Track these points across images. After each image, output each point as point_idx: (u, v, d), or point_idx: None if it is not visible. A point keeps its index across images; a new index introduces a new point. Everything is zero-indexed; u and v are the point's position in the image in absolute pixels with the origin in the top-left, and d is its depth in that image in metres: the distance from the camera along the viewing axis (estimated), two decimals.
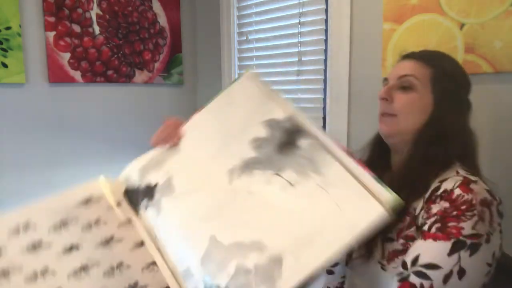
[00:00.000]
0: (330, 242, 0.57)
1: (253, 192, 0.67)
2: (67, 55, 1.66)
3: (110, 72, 1.80)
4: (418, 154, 0.73)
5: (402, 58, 0.82)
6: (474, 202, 0.63)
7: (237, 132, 0.76)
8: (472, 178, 0.67)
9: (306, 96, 1.62)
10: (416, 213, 0.68)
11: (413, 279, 0.62)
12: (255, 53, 1.83)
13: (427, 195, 0.68)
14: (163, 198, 0.75)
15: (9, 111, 1.55)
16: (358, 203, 0.58)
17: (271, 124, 0.73)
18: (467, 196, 0.63)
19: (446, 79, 0.75)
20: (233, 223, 0.66)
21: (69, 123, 1.71)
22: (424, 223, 0.66)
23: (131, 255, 0.71)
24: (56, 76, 1.64)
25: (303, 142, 0.68)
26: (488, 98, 1.09)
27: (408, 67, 0.78)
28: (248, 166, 0.70)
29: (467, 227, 0.61)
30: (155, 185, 0.77)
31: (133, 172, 0.82)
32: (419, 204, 0.69)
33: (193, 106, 2.17)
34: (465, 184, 0.65)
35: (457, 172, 0.69)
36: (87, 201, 0.77)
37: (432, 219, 0.65)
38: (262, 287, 0.57)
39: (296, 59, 1.62)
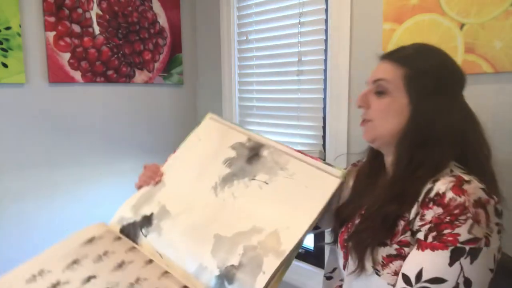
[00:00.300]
0: (308, 209, 0.76)
1: (237, 196, 0.83)
2: (67, 55, 1.66)
3: (110, 72, 1.80)
4: (402, 160, 0.71)
5: (380, 59, 0.80)
6: (467, 204, 0.61)
7: (211, 158, 0.91)
8: (466, 177, 0.65)
9: (306, 96, 1.62)
10: (411, 218, 0.67)
11: None
12: (255, 53, 1.83)
13: (420, 198, 0.66)
14: (161, 222, 0.84)
15: (9, 111, 1.55)
16: (318, 180, 0.80)
17: (237, 146, 0.91)
18: (460, 199, 0.61)
19: (423, 77, 0.71)
20: (230, 221, 0.79)
21: (69, 123, 1.71)
22: (419, 230, 0.64)
23: (144, 270, 0.77)
24: (56, 76, 1.64)
25: (265, 152, 0.87)
26: (488, 98, 1.09)
27: (382, 70, 0.76)
28: (227, 179, 0.86)
29: (463, 232, 0.60)
30: (151, 214, 0.86)
31: (126, 212, 0.90)
32: (413, 208, 0.67)
33: (193, 106, 2.17)
34: (458, 186, 0.63)
35: (451, 171, 0.68)
36: (91, 240, 0.83)
37: (427, 227, 0.63)
38: (269, 254, 0.72)
39: (296, 59, 1.62)
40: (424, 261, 0.62)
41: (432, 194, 0.64)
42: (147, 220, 0.86)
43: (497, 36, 1.05)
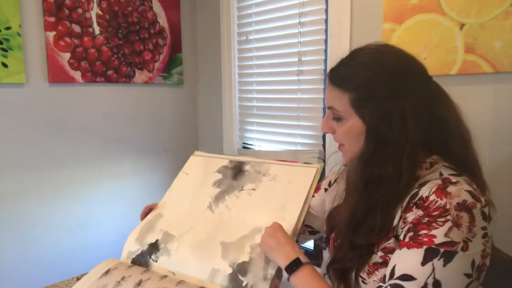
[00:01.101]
0: (296, 198, 0.87)
1: (231, 207, 0.92)
2: (67, 55, 1.66)
3: (110, 72, 1.80)
4: (358, 184, 0.70)
5: (328, 78, 0.76)
6: (448, 207, 0.59)
7: (200, 185, 1.01)
8: (453, 179, 0.63)
9: (306, 96, 1.62)
10: (394, 224, 0.65)
11: None
12: (255, 53, 1.83)
13: (404, 203, 0.65)
14: (167, 244, 0.90)
15: (9, 111, 1.55)
16: (299, 174, 0.91)
17: (221, 169, 1.02)
18: (441, 201, 0.60)
19: (367, 94, 0.68)
20: (231, 229, 0.87)
21: (69, 123, 1.71)
22: (401, 233, 0.64)
23: (161, 283, 0.82)
24: (56, 76, 1.64)
25: (247, 167, 0.99)
26: (488, 98, 1.09)
27: (330, 97, 0.74)
28: (219, 197, 0.96)
29: (439, 234, 0.58)
30: (156, 241, 0.92)
31: (132, 246, 0.95)
32: (397, 214, 0.66)
33: (193, 106, 2.17)
34: (441, 188, 0.61)
35: (440, 174, 0.66)
36: (107, 272, 0.88)
37: (406, 228, 0.62)
38: None
39: (296, 59, 1.62)
40: (398, 258, 0.62)
41: (416, 199, 0.63)
42: (153, 247, 0.91)
43: (497, 36, 1.05)
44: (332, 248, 0.81)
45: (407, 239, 0.62)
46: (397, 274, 0.60)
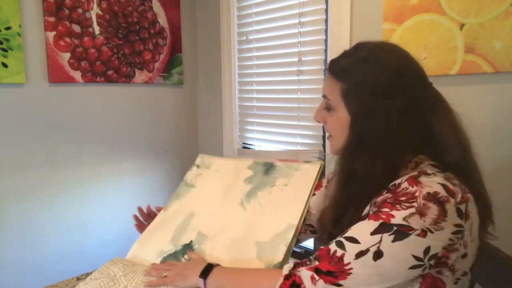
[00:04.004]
0: (299, 199, 0.87)
1: (263, 204, 0.90)
2: (67, 55, 1.66)
3: (110, 72, 1.80)
4: (339, 176, 0.71)
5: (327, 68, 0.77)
6: (416, 194, 0.59)
7: (231, 183, 0.98)
8: (429, 171, 0.63)
9: (306, 96, 1.62)
10: (364, 213, 0.66)
11: (331, 245, 0.63)
12: (255, 53, 1.83)
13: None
14: (201, 245, 0.89)
15: (9, 111, 1.55)
16: (307, 173, 0.91)
17: (252, 166, 0.99)
18: (411, 189, 0.60)
19: (359, 88, 0.68)
20: (265, 227, 0.85)
21: (69, 123, 1.71)
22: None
23: None
24: (56, 76, 1.64)
25: (278, 163, 0.97)
26: (488, 98, 1.09)
27: (325, 85, 0.75)
28: (251, 193, 0.93)
29: (398, 216, 0.59)
30: (191, 242, 0.91)
31: (165, 246, 0.94)
32: (368, 205, 0.66)
33: (193, 106, 2.17)
34: (414, 178, 0.61)
35: (422, 170, 0.64)
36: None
37: (374, 207, 0.63)
38: None
39: (296, 59, 1.62)
40: (354, 226, 0.64)
41: (389, 185, 0.64)
42: (187, 247, 0.90)
43: (497, 36, 1.05)
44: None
45: (370, 213, 0.63)
46: (345, 234, 0.63)
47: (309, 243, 1.69)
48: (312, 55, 1.58)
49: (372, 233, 0.60)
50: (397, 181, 0.63)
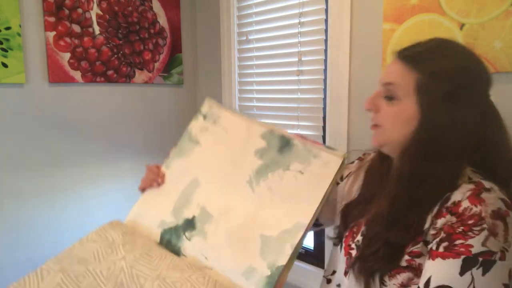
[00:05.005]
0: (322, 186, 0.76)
1: (274, 190, 0.80)
2: (67, 55, 1.66)
3: (110, 72, 1.80)
4: (403, 176, 0.66)
5: (394, 56, 0.73)
6: (483, 215, 0.57)
7: (241, 150, 0.87)
8: (486, 185, 0.60)
9: (306, 96, 1.62)
10: (424, 228, 0.63)
11: None
12: (255, 53, 1.83)
13: (436, 208, 0.62)
14: (205, 225, 0.83)
15: (9, 111, 1.55)
16: (326, 164, 0.78)
17: (266, 135, 0.86)
18: (476, 209, 0.57)
19: (436, 83, 0.65)
20: (272, 219, 0.77)
21: (69, 123, 1.71)
22: (432, 241, 0.61)
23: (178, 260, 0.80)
24: (56, 76, 1.64)
25: (296, 141, 0.83)
26: None
27: (394, 72, 0.70)
28: (261, 172, 0.83)
29: (476, 244, 0.56)
30: (193, 217, 0.85)
31: (166, 216, 0.88)
32: (428, 219, 0.63)
33: (193, 106, 2.17)
34: (475, 195, 0.59)
35: (469, 178, 0.63)
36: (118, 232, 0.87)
37: (439, 237, 0.60)
38: None
39: (296, 59, 1.62)
40: (433, 269, 0.59)
41: (448, 203, 0.61)
42: (189, 224, 0.85)
43: (497, 36, 1.05)
44: (346, 248, 0.79)
45: (441, 249, 0.59)
46: (432, 285, 0.58)
47: (309, 244, 1.69)
48: (312, 55, 1.58)
49: (461, 273, 0.56)
50: (456, 199, 0.60)
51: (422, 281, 0.60)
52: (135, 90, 1.92)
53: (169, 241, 0.86)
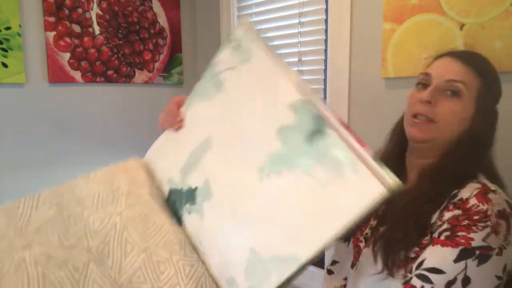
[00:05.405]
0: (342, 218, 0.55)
1: (280, 195, 0.63)
2: (67, 55, 1.66)
3: (110, 72, 1.80)
4: (448, 169, 0.69)
5: (449, 55, 0.75)
6: (489, 213, 0.60)
7: (262, 119, 0.67)
8: (492, 187, 0.64)
9: None
10: (432, 222, 0.66)
11: (415, 281, 0.61)
12: None
13: (443, 204, 0.66)
14: (204, 202, 0.72)
15: (9, 111, 1.55)
16: (362, 188, 0.54)
17: (298, 106, 0.62)
18: (482, 207, 0.60)
19: (488, 92, 0.72)
20: (270, 231, 0.63)
21: (69, 123, 1.71)
22: (436, 230, 0.63)
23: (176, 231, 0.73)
24: (56, 76, 1.64)
25: (329, 130, 0.58)
26: None
27: (459, 71, 0.71)
28: (276, 163, 0.63)
29: (477, 238, 0.59)
30: (196, 189, 0.74)
31: (175, 175, 0.79)
32: (436, 213, 0.66)
33: None
34: (482, 194, 0.62)
35: (476, 178, 0.67)
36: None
37: (443, 227, 0.62)
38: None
39: (296, 59, 1.62)
40: (429, 253, 0.62)
41: (455, 199, 0.64)
42: (191, 195, 0.74)
43: (497, 36, 1.05)
44: (355, 240, 0.80)
45: (442, 237, 0.62)
46: (425, 266, 0.61)
47: None
48: (312, 55, 1.58)
49: (456, 261, 0.59)
50: (463, 196, 0.63)
51: (416, 262, 0.63)
52: (135, 90, 1.92)
53: (174, 203, 0.78)
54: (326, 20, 1.50)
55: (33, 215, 0.75)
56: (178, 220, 0.77)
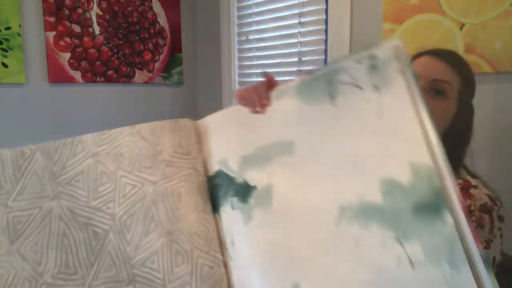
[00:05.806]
0: None
1: (360, 245, 0.52)
2: (67, 55, 1.66)
3: (110, 72, 1.80)
4: None
5: (428, 54, 0.74)
6: (472, 208, 0.61)
7: (368, 159, 0.54)
8: (473, 182, 0.65)
9: None
10: None
11: None
12: (255, 53, 1.83)
13: None
14: (257, 208, 0.62)
15: (9, 111, 1.55)
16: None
17: (418, 168, 0.50)
18: (465, 203, 0.61)
19: (467, 89, 0.73)
20: (323, 282, 0.54)
21: (69, 123, 1.71)
22: None
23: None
24: (56, 76, 1.64)
25: (449, 219, 0.47)
26: (488, 98, 1.09)
27: (443, 70, 0.72)
28: (366, 213, 0.52)
29: None
30: (254, 188, 0.64)
31: (233, 160, 0.67)
32: None
33: (193, 106, 2.17)
34: (464, 189, 0.64)
35: (459, 174, 0.68)
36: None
37: None
38: None
39: (296, 59, 1.62)
40: None
41: None
42: (245, 192, 0.64)
43: (497, 36, 1.05)
44: None
45: None
46: None
47: None
48: (312, 55, 1.58)
49: None
50: None
51: None
52: (135, 90, 1.92)
53: (218, 188, 0.69)
54: (326, 20, 1.50)
55: (69, 163, 0.70)
56: (214, 207, 0.68)
